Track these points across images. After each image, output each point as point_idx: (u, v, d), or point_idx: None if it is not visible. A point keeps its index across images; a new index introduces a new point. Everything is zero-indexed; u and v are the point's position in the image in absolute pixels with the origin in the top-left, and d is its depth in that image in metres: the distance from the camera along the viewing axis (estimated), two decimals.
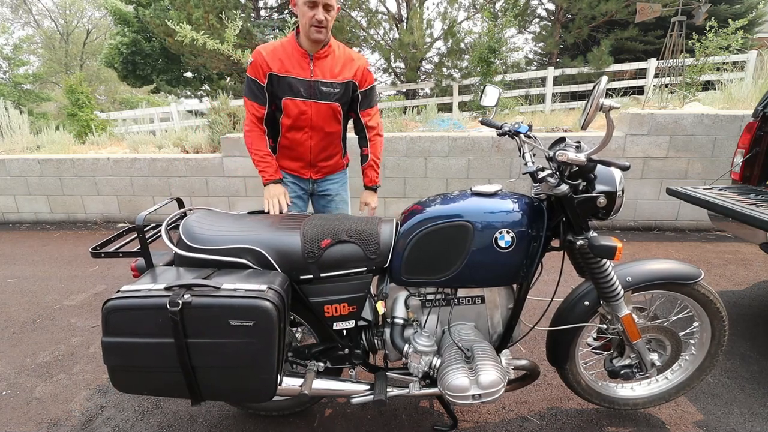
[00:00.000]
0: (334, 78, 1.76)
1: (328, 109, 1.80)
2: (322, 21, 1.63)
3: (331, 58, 1.77)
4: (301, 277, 1.36)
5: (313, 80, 1.73)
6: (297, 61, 1.72)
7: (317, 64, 1.74)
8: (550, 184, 1.28)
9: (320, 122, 1.82)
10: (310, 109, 1.77)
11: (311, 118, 1.79)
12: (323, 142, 1.88)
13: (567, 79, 10.35)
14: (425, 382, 1.46)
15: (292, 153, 1.90)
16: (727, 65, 6.79)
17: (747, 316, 2.43)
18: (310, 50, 1.73)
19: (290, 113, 1.78)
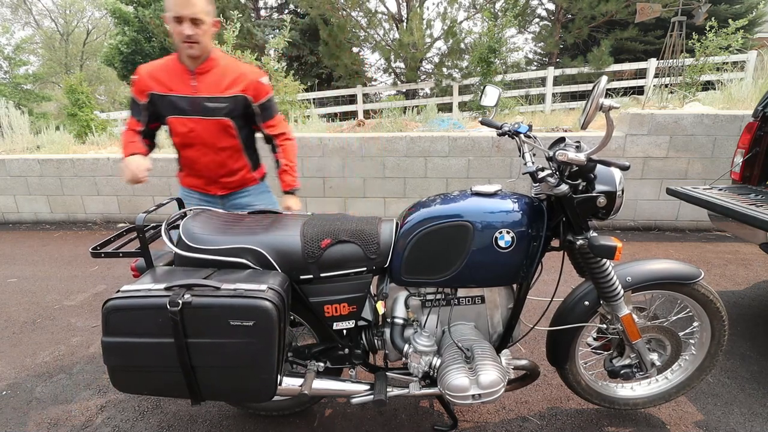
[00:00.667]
0: (221, 93, 1.69)
1: (217, 124, 1.71)
2: (192, 36, 1.58)
3: (215, 72, 1.70)
4: (301, 277, 1.36)
5: (196, 96, 1.67)
6: (179, 78, 1.68)
7: (200, 80, 1.68)
8: (550, 184, 1.29)
9: (210, 139, 1.74)
10: (198, 126, 1.70)
11: (200, 135, 1.72)
12: (219, 158, 1.79)
13: (567, 79, 10.35)
14: (425, 382, 1.46)
15: (191, 170, 1.84)
16: (727, 65, 6.79)
17: (747, 316, 2.43)
18: (191, 66, 1.68)
19: (177, 131, 1.73)
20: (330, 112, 9.99)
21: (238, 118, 1.77)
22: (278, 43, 6.10)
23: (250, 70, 1.77)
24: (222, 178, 1.86)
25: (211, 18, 1.65)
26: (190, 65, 1.68)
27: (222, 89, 1.70)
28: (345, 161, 4.13)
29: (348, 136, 4.11)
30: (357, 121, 6.84)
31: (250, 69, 1.77)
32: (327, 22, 10.85)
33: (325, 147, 4.10)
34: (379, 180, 4.15)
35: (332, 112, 10.02)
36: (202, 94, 1.68)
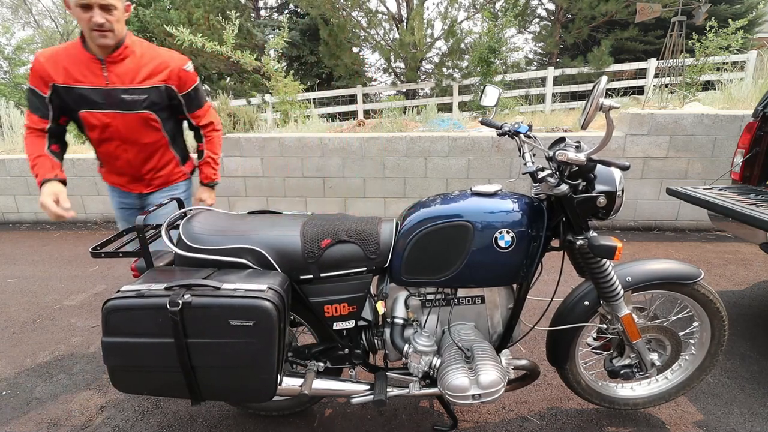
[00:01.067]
0: (139, 83, 1.52)
1: (138, 118, 1.55)
2: (103, 24, 1.42)
3: (130, 61, 1.52)
4: (301, 277, 1.36)
5: (110, 88, 1.49)
6: (87, 67, 1.48)
7: (112, 70, 1.50)
8: (550, 184, 1.29)
9: (131, 134, 1.58)
10: (115, 121, 1.53)
11: (119, 130, 1.55)
12: (143, 154, 1.65)
13: (567, 79, 10.35)
14: (425, 382, 1.46)
15: (112, 167, 1.70)
16: (727, 65, 6.79)
17: (747, 316, 2.43)
18: (100, 55, 1.49)
19: (93, 126, 1.57)
20: (330, 112, 9.99)
21: (162, 110, 1.62)
22: (277, 44, 6.10)
23: (170, 56, 1.61)
24: (148, 174, 1.72)
25: (122, 2, 1.50)
26: (99, 54, 1.51)
27: (140, 80, 1.54)
28: (345, 161, 4.13)
29: (348, 136, 4.11)
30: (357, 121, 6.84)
31: (171, 56, 1.62)
32: (327, 22, 10.85)
33: (325, 147, 4.10)
34: (379, 180, 4.15)
35: (332, 112, 10.02)
36: (117, 86, 1.51)
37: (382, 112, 6.66)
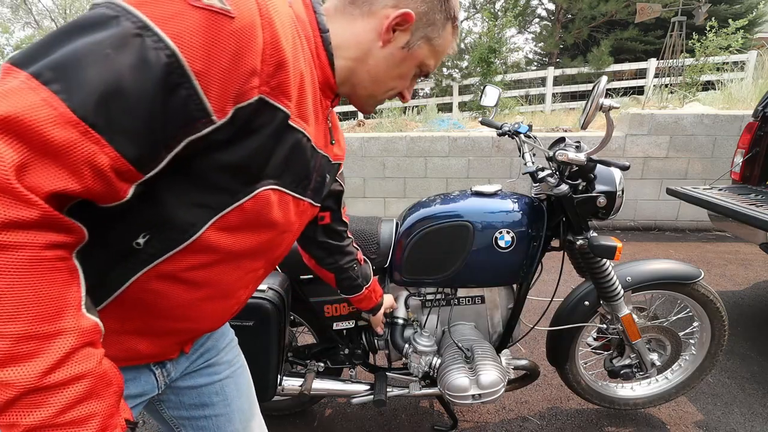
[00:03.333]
0: (333, 155, 0.78)
1: (311, 217, 0.81)
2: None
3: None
4: (301, 276, 1.36)
5: (322, 153, 0.70)
6: (315, 99, 0.65)
7: (332, 120, 0.76)
8: (550, 184, 1.29)
9: (290, 247, 0.80)
10: (299, 220, 0.72)
11: (292, 238, 0.74)
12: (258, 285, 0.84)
13: (567, 79, 10.35)
14: (425, 382, 1.46)
15: (182, 313, 0.63)
16: (727, 65, 6.79)
17: (747, 316, 2.43)
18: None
19: (261, 217, 0.62)
20: None
21: None
22: None
23: None
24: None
25: None
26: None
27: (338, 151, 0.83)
28: (345, 161, 4.13)
29: (348, 136, 4.11)
30: (357, 122, 6.84)
31: None
32: None
33: None
34: (379, 180, 4.15)
35: None
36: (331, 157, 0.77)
37: (382, 112, 6.66)
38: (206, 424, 0.75)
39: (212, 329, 0.70)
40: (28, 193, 0.36)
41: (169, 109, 0.43)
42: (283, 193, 0.61)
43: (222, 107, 0.46)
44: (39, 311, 0.38)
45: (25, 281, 0.37)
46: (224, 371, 0.77)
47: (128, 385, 0.60)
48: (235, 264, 0.61)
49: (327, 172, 0.73)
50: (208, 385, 0.75)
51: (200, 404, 0.74)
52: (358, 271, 1.13)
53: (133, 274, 0.53)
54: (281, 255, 0.72)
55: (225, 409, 0.76)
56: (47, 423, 0.38)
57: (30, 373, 0.37)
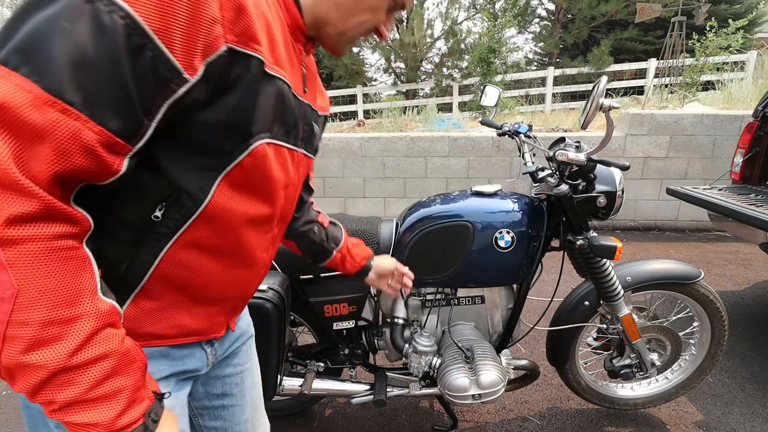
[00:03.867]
0: (318, 106, 0.77)
1: (307, 170, 0.82)
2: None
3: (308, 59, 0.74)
4: (301, 276, 1.36)
5: (304, 101, 0.68)
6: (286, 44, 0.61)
7: (307, 66, 0.71)
8: (550, 184, 1.29)
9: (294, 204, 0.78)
10: (297, 172, 0.71)
11: (294, 193, 0.74)
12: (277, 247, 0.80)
13: (567, 79, 10.35)
14: (425, 382, 1.46)
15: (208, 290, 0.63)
16: (727, 65, 6.79)
17: (747, 316, 2.43)
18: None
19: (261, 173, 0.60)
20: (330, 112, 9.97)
21: None
22: None
23: None
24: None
25: None
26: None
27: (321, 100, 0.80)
28: (345, 161, 4.13)
29: (348, 136, 4.11)
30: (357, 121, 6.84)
31: None
32: None
33: (325, 147, 4.10)
34: (379, 180, 4.15)
35: (332, 112, 10.02)
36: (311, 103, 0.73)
37: (382, 112, 6.67)
38: (223, 413, 0.78)
39: (246, 296, 0.71)
40: (30, 184, 0.37)
41: (139, 73, 0.42)
42: (278, 146, 0.60)
43: (190, 62, 0.45)
44: (57, 298, 0.40)
45: (40, 272, 0.39)
46: (245, 363, 0.81)
47: (186, 361, 0.64)
48: (251, 226, 0.62)
49: (313, 120, 0.72)
50: (231, 376, 0.78)
51: (222, 394, 0.77)
52: (321, 234, 0.99)
53: (161, 249, 0.55)
54: (289, 211, 0.72)
55: (241, 400, 0.80)
56: (80, 399, 0.42)
57: (58, 355, 0.40)
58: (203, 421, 0.78)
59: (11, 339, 0.39)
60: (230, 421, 0.78)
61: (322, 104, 0.77)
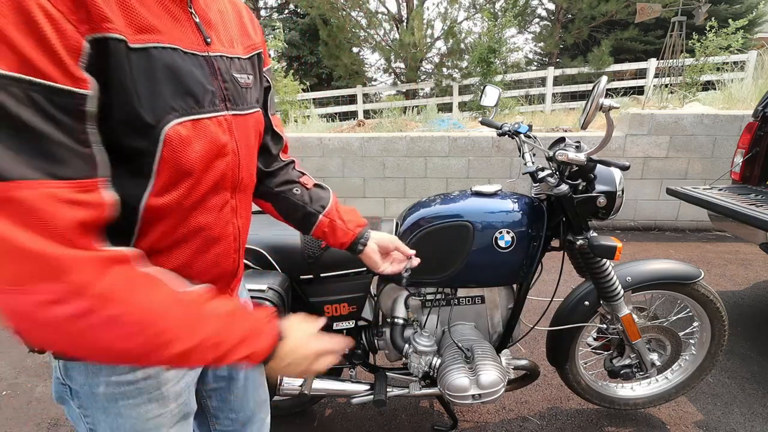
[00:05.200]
0: (244, 51, 0.68)
1: (255, 127, 0.71)
2: None
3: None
4: (301, 277, 1.36)
5: (212, 54, 0.59)
6: (164, 4, 0.52)
7: (200, 11, 0.58)
8: (550, 184, 1.28)
9: (252, 168, 0.73)
10: (233, 137, 0.63)
11: (240, 159, 0.65)
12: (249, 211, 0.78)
13: (567, 79, 10.35)
14: (425, 382, 1.46)
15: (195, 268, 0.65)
16: (727, 65, 6.79)
17: (747, 316, 2.43)
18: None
19: (187, 160, 0.55)
20: (330, 112, 9.99)
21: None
22: (275, 45, 6.10)
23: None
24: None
25: None
26: None
27: (240, 42, 0.69)
28: (345, 161, 4.13)
29: (348, 136, 4.11)
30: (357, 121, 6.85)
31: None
32: (326, 22, 10.85)
33: (325, 147, 4.10)
34: (379, 180, 4.15)
35: (332, 112, 10.02)
36: (221, 52, 0.63)
37: (382, 112, 6.67)
38: (228, 395, 0.82)
39: (232, 269, 0.71)
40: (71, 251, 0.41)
41: (47, 118, 0.40)
42: (194, 121, 0.53)
43: (73, 76, 0.41)
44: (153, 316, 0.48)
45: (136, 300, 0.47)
46: None
47: None
48: (200, 211, 0.59)
49: (235, 71, 0.62)
50: None
51: (228, 377, 0.81)
52: (303, 196, 0.88)
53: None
54: (244, 178, 0.67)
55: (244, 381, 0.84)
56: (228, 353, 0.53)
57: (191, 341, 0.50)
58: (211, 402, 0.83)
59: (159, 348, 0.48)
60: (234, 401, 0.83)
61: (248, 43, 0.68)
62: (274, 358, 0.59)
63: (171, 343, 0.48)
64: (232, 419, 0.85)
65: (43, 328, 0.43)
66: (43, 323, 0.42)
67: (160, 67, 0.49)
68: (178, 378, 0.66)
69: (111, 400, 0.60)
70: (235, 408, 0.84)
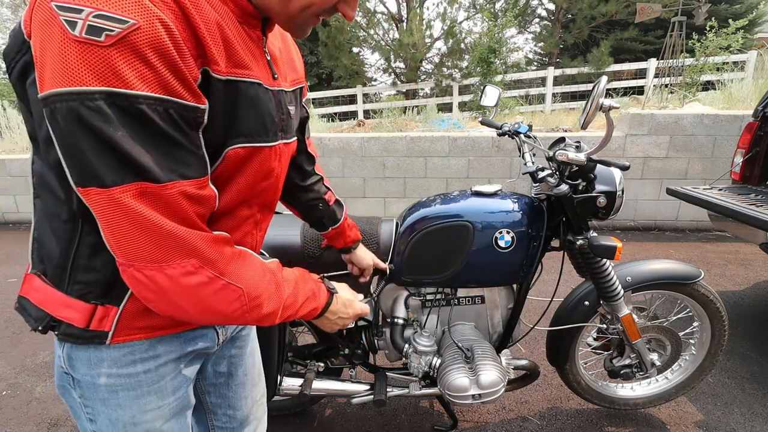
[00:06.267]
0: (292, 83, 0.76)
1: (292, 153, 0.80)
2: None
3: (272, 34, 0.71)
4: None
5: (276, 89, 0.67)
6: (244, 39, 0.60)
7: (270, 48, 0.68)
8: (550, 184, 1.29)
9: (281, 188, 0.80)
10: (280, 163, 0.72)
11: (279, 182, 0.76)
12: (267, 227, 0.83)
13: (567, 79, 10.35)
14: (425, 382, 1.46)
15: None
16: (727, 65, 6.78)
17: (747, 316, 2.43)
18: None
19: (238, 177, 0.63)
20: (330, 112, 9.99)
21: None
22: None
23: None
24: None
25: None
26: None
27: (292, 77, 0.77)
28: (345, 161, 4.13)
29: (348, 136, 4.11)
30: (357, 121, 6.85)
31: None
32: (325, 23, 10.85)
33: (325, 147, 4.10)
34: (379, 180, 4.15)
35: (332, 112, 10.03)
36: (281, 86, 0.70)
37: (382, 112, 6.66)
38: (226, 391, 0.86)
39: None
40: (207, 233, 0.55)
41: (179, 129, 0.50)
42: (254, 148, 0.62)
43: (195, 94, 0.50)
44: (256, 280, 0.60)
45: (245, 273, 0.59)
46: (247, 345, 0.88)
47: (198, 341, 0.71)
48: (230, 215, 0.66)
49: (288, 103, 0.71)
50: (235, 356, 0.85)
51: (227, 373, 0.85)
52: (324, 212, 1.08)
53: None
54: (273, 198, 0.75)
55: (243, 378, 0.87)
56: (298, 307, 0.70)
57: (276, 304, 0.64)
58: (209, 398, 0.85)
59: (253, 309, 0.60)
60: (232, 398, 0.86)
61: (294, 78, 0.76)
62: (327, 311, 0.78)
63: (262, 305, 0.61)
64: (230, 416, 0.87)
65: (176, 295, 0.53)
66: (177, 292, 0.52)
67: (245, 97, 0.58)
68: (177, 372, 0.68)
69: (111, 391, 0.63)
70: (233, 405, 0.87)
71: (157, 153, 0.48)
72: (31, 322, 0.60)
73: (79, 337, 0.59)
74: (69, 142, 0.46)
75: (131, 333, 0.61)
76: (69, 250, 0.57)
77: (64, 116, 0.44)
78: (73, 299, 0.58)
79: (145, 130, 0.47)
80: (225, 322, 0.60)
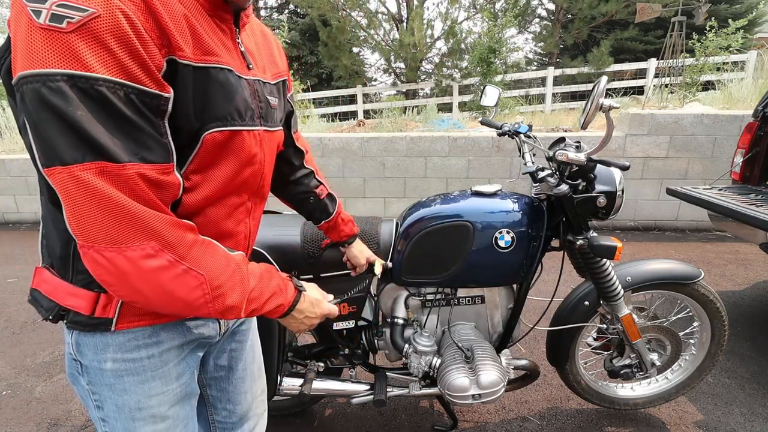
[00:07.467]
0: (273, 76, 0.79)
1: (277, 142, 0.83)
2: None
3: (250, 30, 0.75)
4: (301, 277, 1.35)
5: (252, 78, 0.69)
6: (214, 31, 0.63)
7: (244, 42, 0.70)
8: (550, 184, 1.29)
9: (269, 175, 0.81)
10: (263, 149, 0.73)
11: (264, 169, 0.76)
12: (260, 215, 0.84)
13: (567, 79, 10.35)
14: (425, 382, 1.46)
15: None
16: (727, 65, 6.78)
17: (747, 316, 2.43)
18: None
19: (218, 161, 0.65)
20: (330, 112, 9.99)
21: None
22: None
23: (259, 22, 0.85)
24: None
25: None
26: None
27: (272, 69, 0.80)
28: (345, 161, 4.13)
29: (348, 136, 4.11)
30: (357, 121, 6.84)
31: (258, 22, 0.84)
32: (326, 23, 10.85)
33: (325, 147, 4.10)
34: (379, 180, 4.15)
35: (332, 112, 10.02)
36: (258, 76, 0.72)
37: (382, 112, 6.67)
38: (226, 385, 0.88)
39: None
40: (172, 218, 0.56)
41: (140, 114, 0.51)
42: (233, 131, 0.63)
43: (159, 83, 0.52)
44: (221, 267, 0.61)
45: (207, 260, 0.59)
46: (247, 340, 0.90)
47: (201, 329, 0.73)
48: (220, 203, 0.67)
49: (268, 94, 0.73)
50: (235, 350, 0.87)
51: (228, 367, 0.87)
52: (314, 205, 1.11)
53: None
54: (263, 185, 0.77)
55: (243, 373, 0.89)
56: (264, 302, 0.68)
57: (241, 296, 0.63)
58: (210, 391, 0.87)
59: (215, 299, 0.59)
60: (232, 392, 0.88)
61: (275, 71, 0.79)
62: (294, 309, 0.75)
63: (224, 296, 0.60)
64: (229, 410, 0.89)
65: (136, 279, 0.53)
66: (137, 275, 0.52)
67: (216, 83, 0.60)
68: (180, 358, 0.71)
69: (117, 376, 0.65)
70: (233, 399, 0.88)
71: (117, 135, 0.49)
72: (42, 312, 0.64)
73: (86, 325, 0.62)
74: (35, 123, 0.47)
75: (134, 319, 0.64)
76: (69, 241, 0.59)
77: (30, 98, 0.46)
78: (78, 288, 0.61)
79: (106, 111, 0.48)
80: (188, 312, 0.59)
